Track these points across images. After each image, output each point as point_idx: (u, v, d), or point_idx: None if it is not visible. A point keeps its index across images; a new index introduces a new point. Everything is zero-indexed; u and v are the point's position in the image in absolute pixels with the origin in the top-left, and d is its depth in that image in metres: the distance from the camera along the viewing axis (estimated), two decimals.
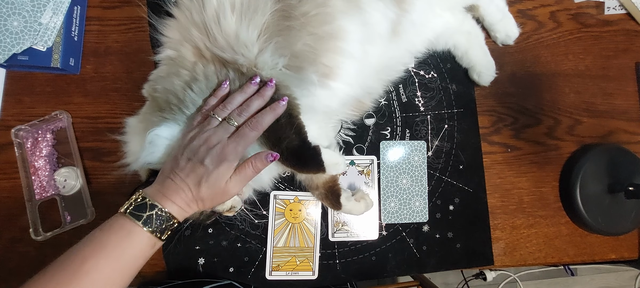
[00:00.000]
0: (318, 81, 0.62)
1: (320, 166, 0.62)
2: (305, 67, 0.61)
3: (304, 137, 0.61)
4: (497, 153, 0.80)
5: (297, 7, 0.60)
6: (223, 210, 0.64)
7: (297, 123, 0.61)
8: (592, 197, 0.76)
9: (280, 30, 0.61)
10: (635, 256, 0.80)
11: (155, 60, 0.68)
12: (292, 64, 0.61)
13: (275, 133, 0.59)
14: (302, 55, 0.61)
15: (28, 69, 0.76)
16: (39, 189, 0.73)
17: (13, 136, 0.73)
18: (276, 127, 0.59)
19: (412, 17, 0.68)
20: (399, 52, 0.73)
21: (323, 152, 0.62)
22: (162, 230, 0.52)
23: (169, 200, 0.53)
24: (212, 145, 0.54)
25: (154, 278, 0.74)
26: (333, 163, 0.65)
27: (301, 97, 0.62)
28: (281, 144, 0.59)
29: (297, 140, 0.60)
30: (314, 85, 0.61)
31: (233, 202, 0.63)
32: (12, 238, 0.73)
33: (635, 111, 0.83)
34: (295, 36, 0.61)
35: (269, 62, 0.61)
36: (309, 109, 0.63)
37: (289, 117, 0.60)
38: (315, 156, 0.61)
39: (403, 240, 0.76)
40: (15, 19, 0.71)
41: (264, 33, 0.61)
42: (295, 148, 0.60)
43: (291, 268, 0.74)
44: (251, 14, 0.60)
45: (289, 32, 0.61)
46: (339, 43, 0.62)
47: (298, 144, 0.60)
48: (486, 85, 0.79)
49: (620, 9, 0.84)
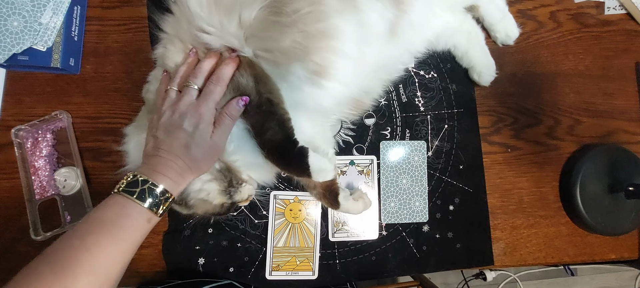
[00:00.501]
0: (307, 77, 0.60)
1: (306, 169, 0.60)
2: (292, 64, 0.60)
3: (288, 132, 0.59)
4: (497, 153, 0.80)
5: (288, 3, 0.59)
6: (242, 200, 0.63)
7: (280, 115, 0.59)
8: (592, 197, 0.76)
9: (265, 27, 0.59)
10: (635, 256, 0.80)
11: (152, 57, 0.68)
12: (274, 58, 0.60)
13: (258, 121, 0.58)
14: (289, 52, 0.59)
15: (28, 69, 0.76)
16: (39, 189, 0.73)
17: (13, 136, 0.73)
18: (258, 114, 0.58)
19: (410, 17, 0.67)
20: (398, 52, 0.72)
21: (311, 156, 0.60)
22: (157, 204, 0.53)
23: (159, 174, 0.53)
24: (183, 111, 0.56)
25: (154, 278, 0.74)
26: (320, 169, 0.61)
27: (287, 91, 0.60)
28: (264, 135, 0.58)
29: (280, 134, 0.59)
30: (300, 80, 0.60)
31: (249, 191, 0.64)
32: (12, 238, 0.73)
33: (635, 111, 0.83)
34: (283, 32, 0.59)
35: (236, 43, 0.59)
36: (299, 105, 0.62)
37: (269, 103, 0.58)
38: (301, 157, 0.59)
39: (403, 240, 0.76)
40: (15, 19, 0.71)
41: (247, 25, 0.59)
42: (278, 143, 0.58)
43: (291, 268, 0.74)
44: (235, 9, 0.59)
45: (277, 28, 0.59)
46: (332, 42, 0.60)
47: (281, 138, 0.58)
48: (486, 85, 0.79)
49: (620, 9, 0.84)
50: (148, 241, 0.74)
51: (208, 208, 0.62)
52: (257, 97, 0.58)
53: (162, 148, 0.55)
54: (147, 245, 0.74)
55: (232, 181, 0.62)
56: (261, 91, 0.58)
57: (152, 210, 0.52)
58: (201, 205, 0.62)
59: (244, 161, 0.62)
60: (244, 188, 0.63)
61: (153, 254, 0.74)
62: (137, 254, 0.72)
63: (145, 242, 0.73)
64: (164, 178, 0.53)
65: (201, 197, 0.61)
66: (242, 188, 0.63)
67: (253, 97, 0.58)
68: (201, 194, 0.60)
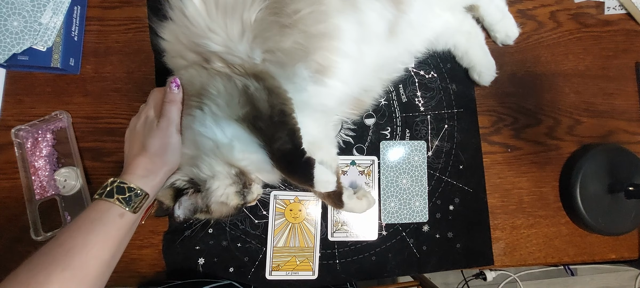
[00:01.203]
0: (310, 77, 0.61)
1: (310, 179, 0.61)
2: (295, 64, 0.60)
3: (297, 142, 0.60)
4: (497, 153, 0.80)
5: (288, 4, 0.59)
6: (252, 200, 0.65)
7: (291, 124, 0.60)
8: (592, 197, 0.76)
9: (266, 28, 0.60)
10: (635, 256, 0.80)
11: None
12: (277, 59, 0.60)
13: (269, 131, 0.59)
14: (291, 53, 0.60)
15: (28, 69, 0.76)
16: (39, 189, 0.73)
17: (13, 136, 0.73)
18: (270, 125, 0.58)
19: (410, 17, 0.67)
20: (398, 52, 0.72)
21: (316, 167, 0.61)
22: (126, 200, 0.56)
23: (127, 173, 0.59)
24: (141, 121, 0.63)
25: (154, 278, 0.74)
26: (323, 180, 0.62)
27: (293, 93, 0.61)
28: (273, 144, 0.59)
29: (289, 144, 0.59)
30: (305, 80, 0.60)
31: (258, 190, 0.65)
32: (12, 238, 0.73)
33: (635, 111, 0.83)
34: (284, 34, 0.59)
35: (244, 56, 0.60)
36: (304, 106, 0.62)
37: (281, 114, 0.59)
38: (307, 168, 0.60)
39: (403, 240, 0.76)
40: (15, 19, 0.71)
41: (248, 29, 0.60)
42: (286, 152, 0.59)
43: (291, 268, 0.74)
44: (237, 11, 0.59)
45: (277, 29, 0.60)
46: (334, 42, 0.61)
47: (290, 148, 0.60)
48: (486, 85, 0.79)
49: (620, 9, 0.84)
50: (148, 241, 0.74)
51: (224, 210, 0.63)
52: (270, 109, 0.59)
53: (127, 153, 0.62)
54: (147, 245, 0.74)
55: (246, 182, 0.63)
56: (274, 103, 0.59)
57: (121, 205, 0.56)
58: (219, 208, 0.63)
59: (250, 162, 0.62)
60: (254, 188, 0.64)
61: (153, 254, 0.74)
62: (137, 254, 0.73)
63: (145, 242, 0.74)
64: (131, 176, 0.58)
65: (221, 201, 0.62)
66: (253, 188, 0.64)
67: (265, 110, 0.59)
68: (222, 198, 0.61)
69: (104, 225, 0.55)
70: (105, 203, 0.56)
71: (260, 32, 0.60)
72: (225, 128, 0.59)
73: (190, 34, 0.62)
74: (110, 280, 0.65)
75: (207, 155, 0.61)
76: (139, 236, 0.74)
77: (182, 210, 0.62)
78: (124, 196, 0.56)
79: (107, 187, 0.57)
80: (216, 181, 0.61)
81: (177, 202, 0.60)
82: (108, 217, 0.55)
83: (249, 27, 0.60)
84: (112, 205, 0.56)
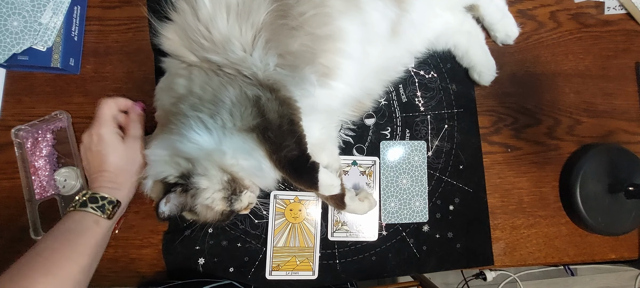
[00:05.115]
0: (317, 81, 0.61)
1: (315, 183, 0.62)
2: (302, 67, 0.61)
3: (303, 148, 0.61)
4: (497, 153, 0.80)
5: (294, 6, 0.60)
6: (241, 208, 0.65)
7: (299, 133, 0.61)
8: (592, 197, 0.76)
9: (275, 30, 0.60)
10: (635, 256, 0.80)
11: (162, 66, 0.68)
12: (288, 63, 0.61)
13: (277, 140, 0.59)
14: (299, 56, 0.61)
15: (28, 69, 0.76)
16: (39, 189, 0.73)
17: (13, 136, 0.72)
18: (278, 134, 0.59)
19: (411, 17, 0.68)
20: (399, 52, 0.73)
21: (321, 171, 0.62)
22: (100, 207, 0.60)
23: (96, 186, 0.62)
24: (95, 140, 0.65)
25: (154, 278, 0.74)
26: (328, 184, 0.64)
27: (301, 98, 0.62)
28: (281, 151, 0.60)
29: (296, 151, 0.60)
30: (313, 86, 0.61)
31: (249, 199, 0.65)
32: (12, 238, 0.73)
33: (635, 111, 0.83)
34: (292, 36, 0.60)
35: (259, 63, 0.60)
36: (310, 110, 0.63)
37: (290, 124, 0.60)
38: (312, 172, 0.62)
39: (403, 240, 0.76)
40: (15, 19, 0.71)
41: (259, 34, 0.60)
42: (293, 158, 0.61)
43: (291, 268, 0.74)
44: (246, 15, 0.59)
45: (285, 32, 0.60)
46: (339, 44, 0.62)
47: (297, 154, 0.61)
48: (487, 85, 0.79)
49: (620, 9, 0.84)
50: (148, 241, 0.74)
51: (209, 215, 0.63)
52: (279, 119, 0.59)
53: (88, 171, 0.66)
54: (147, 245, 0.74)
55: (236, 190, 0.63)
56: (284, 113, 0.60)
57: (96, 212, 0.59)
58: (204, 211, 0.63)
59: (242, 168, 0.62)
60: (244, 196, 0.64)
61: (153, 254, 0.74)
62: (136, 254, 0.73)
63: (145, 242, 0.74)
64: (100, 188, 0.62)
65: (206, 204, 0.61)
66: (243, 196, 0.63)
67: (275, 120, 0.59)
68: (208, 201, 0.61)
69: (81, 232, 0.58)
70: (79, 213, 0.59)
71: (271, 35, 0.60)
72: (230, 137, 0.59)
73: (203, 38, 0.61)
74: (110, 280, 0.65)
75: (204, 158, 0.60)
76: (138, 236, 0.74)
77: (168, 207, 0.61)
78: (98, 204, 0.60)
79: (79, 199, 0.60)
80: (206, 180, 0.60)
81: (165, 197, 0.60)
82: (84, 225, 0.58)
83: (260, 30, 0.60)
84: (86, 213, 0.59)
